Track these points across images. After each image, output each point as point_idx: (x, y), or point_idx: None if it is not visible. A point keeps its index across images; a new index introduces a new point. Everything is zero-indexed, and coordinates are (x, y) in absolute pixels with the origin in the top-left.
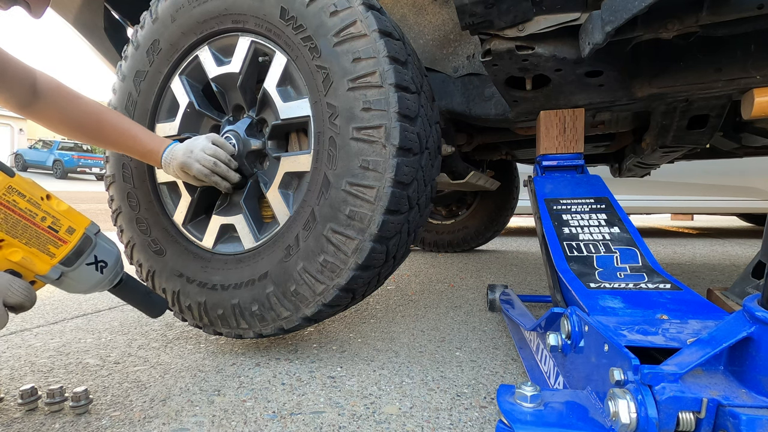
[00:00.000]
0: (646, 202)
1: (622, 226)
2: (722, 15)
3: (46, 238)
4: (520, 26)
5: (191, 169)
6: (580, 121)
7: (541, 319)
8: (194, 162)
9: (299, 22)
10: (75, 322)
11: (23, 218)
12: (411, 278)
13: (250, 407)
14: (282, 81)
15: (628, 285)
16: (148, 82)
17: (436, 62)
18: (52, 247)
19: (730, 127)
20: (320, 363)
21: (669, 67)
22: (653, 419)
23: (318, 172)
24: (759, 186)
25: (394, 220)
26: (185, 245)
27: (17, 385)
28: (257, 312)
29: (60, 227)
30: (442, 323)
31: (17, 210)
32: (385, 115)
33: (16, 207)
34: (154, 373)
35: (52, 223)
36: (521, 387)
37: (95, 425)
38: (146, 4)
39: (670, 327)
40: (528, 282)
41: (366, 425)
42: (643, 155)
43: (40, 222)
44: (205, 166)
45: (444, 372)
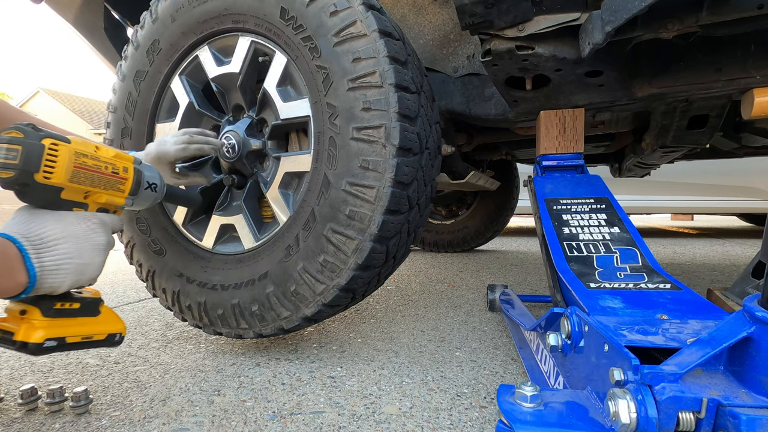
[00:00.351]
0: (646, 202)
1: (622, 226)
2: (722, 15)
3: (114, 180)
4: (520, 26)
5: (168, 152)
6: (580, 121)
7: (541, 319)
8: (169, 144)
9: (299, 22)
10: None
11: (95, 172)
12: (411, 278)
13: (250, 407)
14: (282, 81)
15: (628, 285)
16: (148, 82)
17: (436, 62)
18: (120, 185)
19: (730, 127)
20: (320, 363)
21: (669, 67)
22: (653, 419)
23: (318, 172)
24: (759, 186)
25: (394, 220)
26: (185, 245)
27: (17, 385)
28: (257, 312)
29: (118, 169)
30: (442, 323)
31: (88, 167)
32: (385, 115)
33: (85, 166)
34: (154, 373)
35: (113, 168)
36: (521, 387)
37: (95, 425)
38: (146, 4)
39: (670, 327)
40: (528, 282)
41: (366, 425)
42: (643, 155)
43: (104, 170)
44: (181, 141)
45: (444, 372)
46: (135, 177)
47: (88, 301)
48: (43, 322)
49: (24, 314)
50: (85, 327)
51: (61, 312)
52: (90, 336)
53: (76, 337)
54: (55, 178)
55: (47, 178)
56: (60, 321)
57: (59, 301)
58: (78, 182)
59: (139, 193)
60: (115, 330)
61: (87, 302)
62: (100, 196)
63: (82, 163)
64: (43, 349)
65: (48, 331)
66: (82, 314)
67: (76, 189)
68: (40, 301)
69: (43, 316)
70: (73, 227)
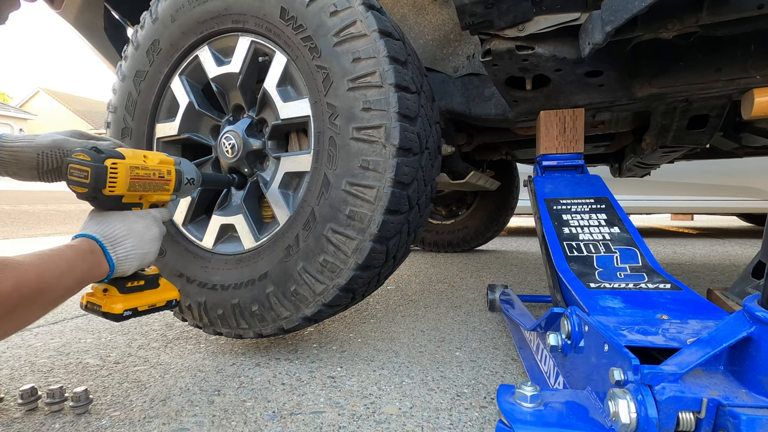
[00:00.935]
0: (646, 202)
1: (622, 226)
2: (722, 15)
3: (161, 183)
4: (520, 26)
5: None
6: (580, 121)
7: (541, 319)
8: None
9: (299, 22)
10: (75, 322)
11: (146, 180)
12: (411, 278)
13: (250, 407)
14: (282, 81)
15: (628, 285)
16: (148, 82)
17: (436, 62)
18: (165, 186)
19: (730, 127)
20: (320, 363)
21: (669, 67)
22: (653, 419)
23: (318, 172)
24: (759, 186)
25: (394, 220)
26: (185, 245)
27: (17, 385)
28: (257, 312)
29: (163, 173)
30: (442, 323)
31: (140, 177)
32: (385, 115)
33: (139, 176)
34: (154, 373)
35: (159, 173)
36: (521, 387)
37: (95, 425)
38: (146, 4)
39: (670, 327)
40: (528, 282)
41: (366, 425)
42: (643, 155)
43: (153, 177)
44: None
45: (444, 372)
46: (177, 177)
47: (150, 278)
48: (120, 297)
49: (106, 292)
50: (150, 297)
51: (132, 288)
52: (154, 304)
53: (145, 306)
54: (118, 190)
55: (112, 191)
56: (132, 296)
57: (129, 281)
58: (134, 190)
59: (181, 189)
60: (172, 297)
61: (149, 278)
62: (151, 196)
63: (135, 174)
64: (123, 317)
65: (125, 304)
66: (147, 288)
67: (133, 195)
68: (116, 282)
69: (119, 293)
70: (134, 225)
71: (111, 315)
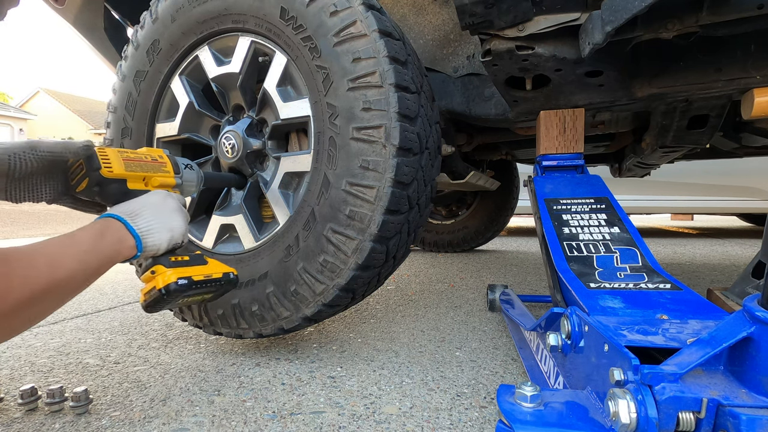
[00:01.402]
0: (646, 202)
1: (622, 226)
2: (722, 15)
3: (158, 164)
4: (520, 26)
5: None
6: (580, 121)
7: (541, 319)
8: None
9: (299, 22)
10: (75, 322)
11: (140, 161)
12: (411, 278)
13: (250, 407)
14: (282, 81)
15: (628, 285)
16: (148, 82)
17: (436, 62)
18: (163, 167)
19: (730, 127)
20: (320, 363)
21: (669, 67)
22: (653, 419)
23: (318, 172)
24: (759, 186)
25: (394, 220)
26: (185, 245)
27: (17, 385)
28: (257, 312)
29: (155, 157)
30: (442, 323)
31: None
32: (385, 115)
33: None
34: (154, 373)
35: (151, 157)
36: (521, 387)
37: (95, 425)
38: (146, 4)
39: (670, 327)
40: (528, 282)
41: (366, 425)
42: (643, 155)
43: (146, 159)
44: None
45: (444, 372)
46: (171, 160)
47: (194, 255)
48: (168, 269)
49: (154, 273)
50: (202, 270)
51: (177, 263)
52: (210, 275)
53: (200, 276)
54: (116, 169)
55: (110, 171)
56: (180, 268)
57: (172, 256)
58: (133, 170)
59: (182, 173)
60: (228, 270)
61: (194, 256)
62: (155, 179)
63: (126, 156)
64: (179, 285)
65: (176, 273)
66: (194, 263)
67: (135, 176)
68: (160, 259)
69: (166, 267)
70: (148, 199)
71: (167, 288)
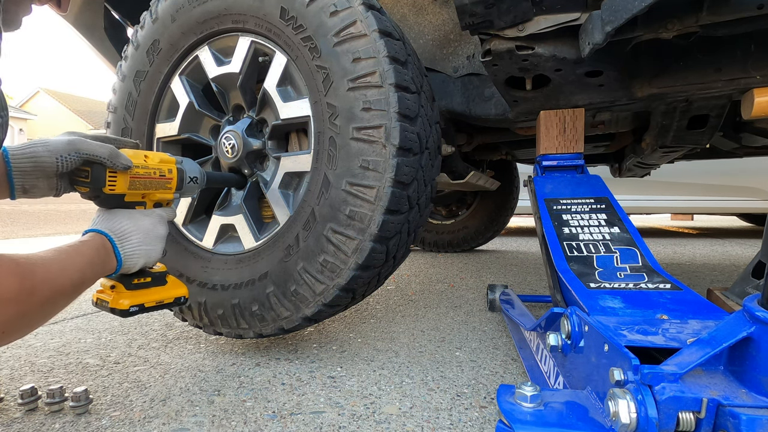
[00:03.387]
0: (646, 202)
1: (622, 226)
2: (722, 15)
3: (163, 181)
4: (520, 26)
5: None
6: (580, 121)
7: (541, 319)
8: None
9: (299, 22)
10: (75, 322)
11: (146, 178)
12: (411, 278)
13: (250, 407)
14: (282, 81)
15: (628, 285)
16: (148, 82)
17: (436, 62)
18: (167, 184)
19: (730, 127)
20: (320, 363)
21: (669, 67)
22: (653, 419)
23: (318, 172)
24: (759, 186)
25: (394, 220)
26: (185, 245)
27: (17, 385)
28: (257, 312)
29: (164, 172)
30: (442, 323)
31: (140, 176)
32: (385, 115)
33: (138, 175)
34: (154, 373)
35: (160, 172)
36: (521, 387)
37: (95, 425)
38: (146, 4)
39: (670, 327)
40: (528, 282)
41: (366, 425)
42: (643, 155)
43: (153, 175)
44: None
45: (444, 372)
46: (179, 176)
47: (157, 275)
48: (127, 294)
49: (113, 288)
50: (157, 294)
51: (139, 285)
52: (162, 300)
53: (152, 302)
54: (118, 189)
55: (112, 190)
56: (139, 292)
57: (136, 278)
58: (135, 189)
59: (183, 187)
60: (180, 294)
61: (156, 276)
62: (154, 195)
63: (135, 173)
64: (129, 313)
65: (131, 300)
66: (154, 285)
67: (135, 193)
68: (123, 279)
69: (126, 289)
70: (140, 222)
71: (118, 311)
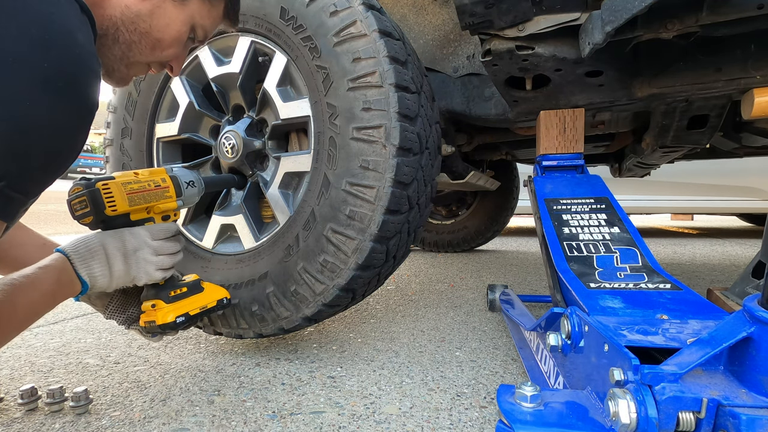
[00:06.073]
0: (646, 202)
1: (622, 226)
2: (722, 15)
3: (160, 192)
4: (520, 26)
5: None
6: (580, 121)
7: (541, 319)
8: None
9: (299, 22)
10: (75, 322)
11: (143, 191)
12: (411, 278)
13: (250, 407)
14: (282, 81)
15: (628, 285)
16: (148, 83)
17: (436, 62)
18: (166, 193)
19: (730, 127)
20: (320, 363)
21: (669, 67)
22: (653, 419)
23: (318, 172)
24: (759, 186)
25: (394, 220)
26: (185, 245)
27: (17, 385)
28: (257, 312)
29: (159, 182)
30: (442, 323)
31: (136, 190)
32: (385, 115)
33: (134, 190)
34: (154, 373)
35: (154, 183)
36: (521, 387)
37: (95, 425)
38: None
39: (670, 327)
40: (528, 282)
41: (366, 425)
42: (643, 155)
43: (149, 187)
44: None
45: (444, 372)
46: (174, 182)
47: (191, 284)
48: (169, 307)
49: (154, 307)
50: (199, 301)
51: (177, 297)
52: (205, 306)
53: (196, 309)
54: (120, 208)
55: (114, 211)
56: (179, 303)
57: (171, 290)
58: (137, 204)
59: (184, 193)
60: (221, 296)
61: (191, 284)
62: (157, 207)
63: (130, 189)
64: (177, 324)
65: (175, 312)
66: (192, 293)
67: (138, 209)
68: (159, 294)
69: (166, 303)
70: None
71: (167, 325)
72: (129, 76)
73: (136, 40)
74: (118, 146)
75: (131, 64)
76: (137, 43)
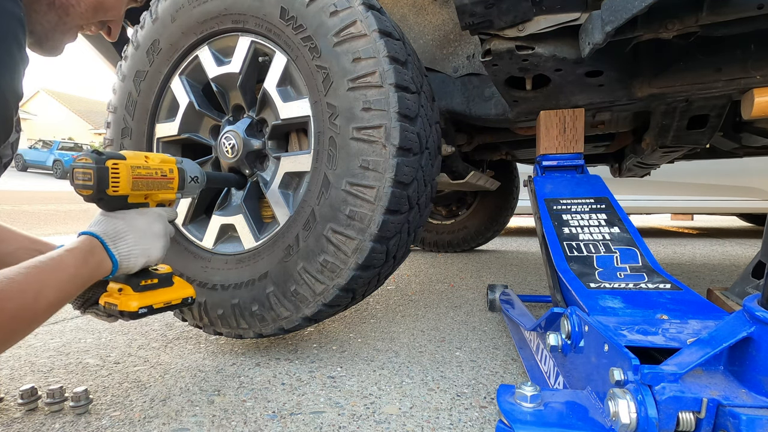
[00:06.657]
0: (646, 202)
1: (622, 226)
2: (722, 15)
3: (164, 182)
4: (520, 26)
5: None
6: (580, 121)
7: (541, 319)
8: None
9: (299, 22)
10: (75, 322)
11: (148, 179)
12: (411, 278)
13: (250, 407)
14: (282, 81)
15: (628, 285)
16: (148, 82)
17: (436, 62)
18: (169, 184)
19: (730, 127)
20: (320, 363)
21: (669, 67)
22: (653, 419)
23: (318, 172)
24: (759, 186)
25: (394, 220)
26: (185, 245)
27: (17, 385)
28: (257, 312)
29: (165, 172)
30: (442, 323)
31: (143, 176)
32: (385, 115)
33: (141, 176)
34: (154, 373)
35: (161, 172)
36: (521, 387)
37: (95, 425)
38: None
39: (670, 327)
40: (528, 282)
41: (366, 425)
42: (643, 155)
43: (155, 175)
44: None
45: (444, 372)
46: (180, 175)
47: (163, 276)
48: (135, 295)
49: (121, 291)
50: (165, 295)
51: (146, 287)
52: (170, 301)
53: (160, 303)
54: (121, 190)
55: (116, 191)
56: (146, 293)
57: (143, 279)
58: (138, 189)
59: (185, 187)
60: (187, 294)
61: (163, 277)
62: (156, 195)
63: (138, 174)
64: (138, 315)
65: (140, 302)
66: (161, 286)
67: (138, 194)
68: (130, 281)
69: (134, 291)
70: (135, 221)
71: (127, 313)
72: (62, 44)
73: (74, 2)
74: (118, 146)
75: (67, 30)
76: (75, 6)
